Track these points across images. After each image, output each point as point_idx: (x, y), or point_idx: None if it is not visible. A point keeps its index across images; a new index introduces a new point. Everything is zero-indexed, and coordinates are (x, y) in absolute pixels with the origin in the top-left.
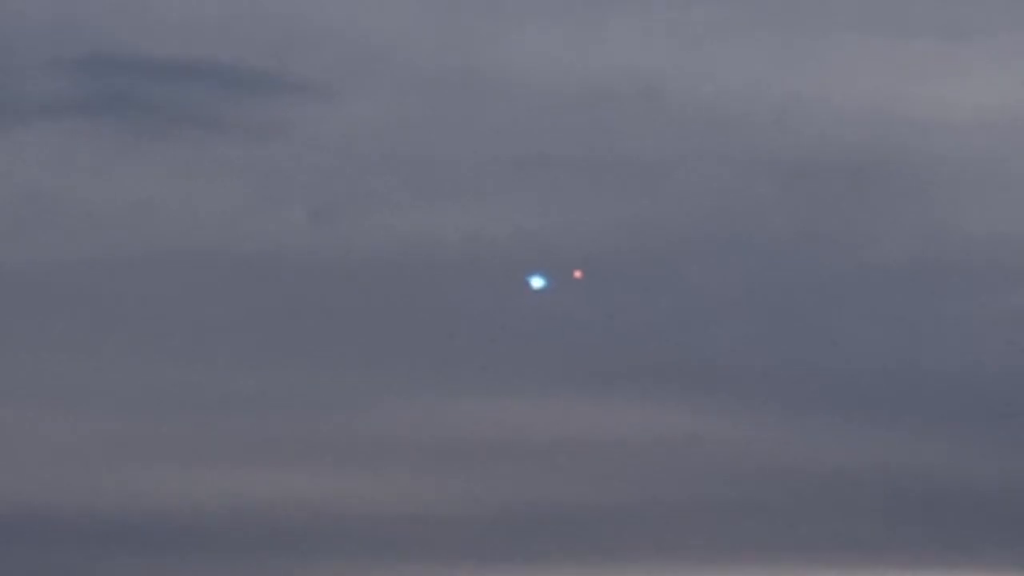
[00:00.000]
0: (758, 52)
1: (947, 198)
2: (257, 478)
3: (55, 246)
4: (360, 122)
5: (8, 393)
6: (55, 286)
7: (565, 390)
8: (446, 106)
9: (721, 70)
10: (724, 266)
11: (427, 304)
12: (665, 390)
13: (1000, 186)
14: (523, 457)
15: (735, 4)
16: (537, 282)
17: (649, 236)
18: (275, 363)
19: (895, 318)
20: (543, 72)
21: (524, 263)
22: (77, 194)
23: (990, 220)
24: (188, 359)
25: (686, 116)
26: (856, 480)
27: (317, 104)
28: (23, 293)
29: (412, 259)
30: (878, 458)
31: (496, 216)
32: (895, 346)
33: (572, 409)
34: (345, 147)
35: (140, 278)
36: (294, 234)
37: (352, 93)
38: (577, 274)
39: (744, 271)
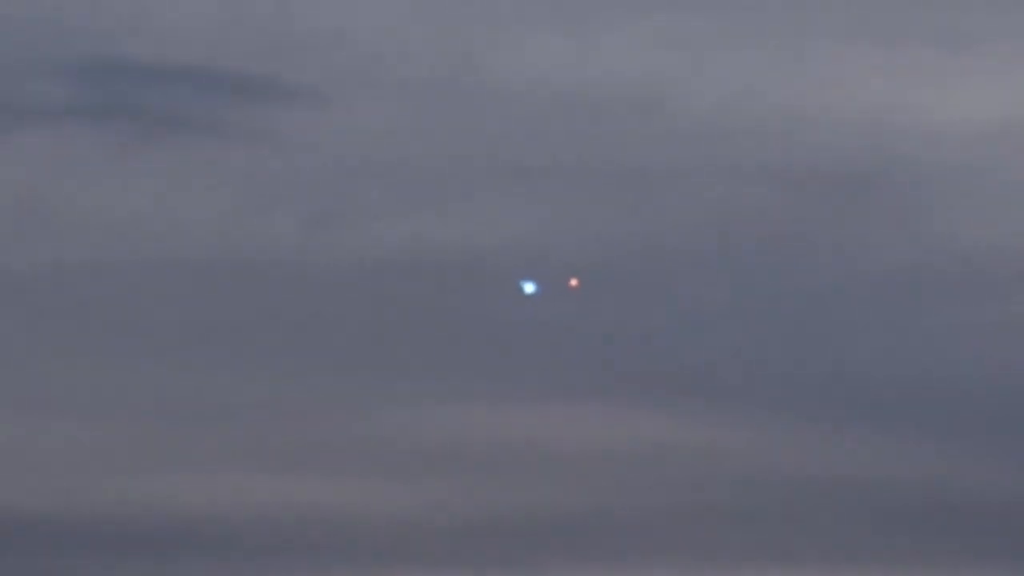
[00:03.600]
0: (754, 62)
1: (944, 207)
2: (251, 485)
3: (48, 251)
4: (354, 129)
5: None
6: (49, 291)
7: (562, 398)
8: (440, 114)
9: (717, 80)
10: (720, 275)
11: (420, 312)
12: (661, 398)
13: (996, 195)
14: (517, 463)
15: (731, 14)
16: (528, 287)
17: (644, 245)
18: (268, 370)
19: (891, 327)
20: (539, 80)
21: (518, 271)
22: (70, 199)
23: (987, 229)
24: (180, 365)
25: (681, 126)
26: (850, 489)
27: (310, 110)
28: (17, 298)
29: (405, 266)
30: (873, 467)
31: (490, 224)
32: (891, 355)
33: (568, 417)
34: (338, 154)
35: (132, 283)
36: (287, 240)
37: (345, 100)
38: (573, 282)
39: (740, 280)
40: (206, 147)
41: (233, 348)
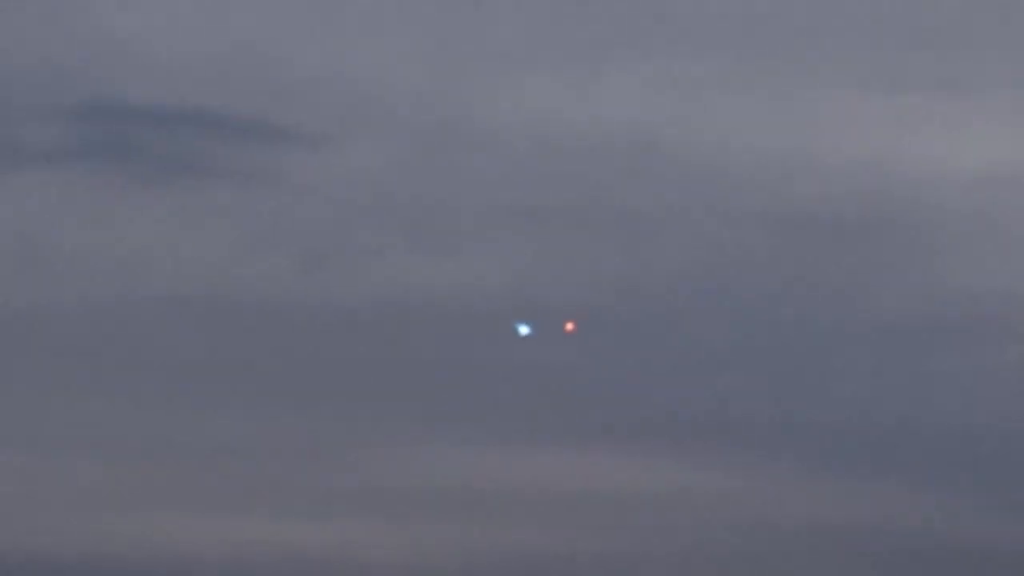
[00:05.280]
0: (753, 106)
1: (941, 252)
2: (245, 525)
3: (48, 291)
4: (352, 171)
5: None
6: (48, 331)
7: (558, 441)
8: (440, 156)
9: (716, 124)
10: (717, 319)
11: (417, 353)
12: (657, 442)
13: (994, 241)
14: (514, 507)
15: (731, 58)
16: (523, 329)
17: (642, 288)
18: (264, 410)
19: (889, 372)
20: (538, 124)
21: (517, 313)
22: (71, 239)
23: (984, 275)
24: (177, 405)
25: (681, 169)
26: (850, 533)
27: (310, 152)
28: (15, 338)
29: (403, 308)
30: (872, 511)
31: (489, 266)
32: (888, 400)
33: (564, 460)
34: (337, 195)
35: (132, 323)
36: (285, 281)
37: (345, 142)
38: (569, 327)
39: (737, 325)
40: (205, 188)
41: (228, 388)
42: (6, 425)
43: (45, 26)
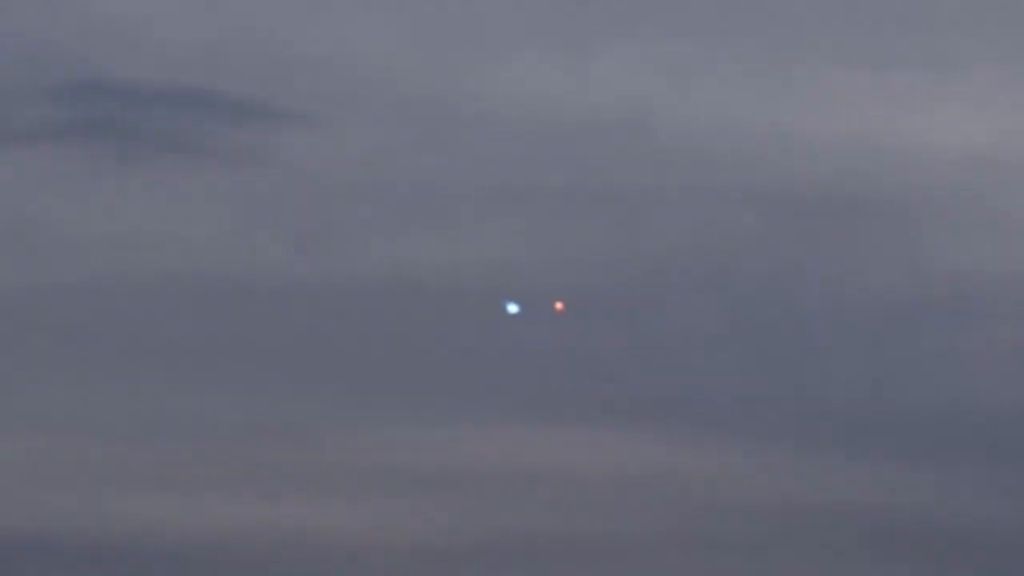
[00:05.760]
0: (742, 86)
1: (932, 232)
2: (235, 506)
3: (37, 271)
4: (345, 150)
5: None
6: (37, 311)
7: (546, 421)
8: (431, 135)
9: (705, 103)
10: (707, 299)
11: (410, 333)
12: (646, 423)
13: (984, 221)
14: (502, 488)
15: (720, 37)
16: (512, 307)
17: (632, 268)
18: (255, 391)
19: (879, 353)
20: (528, 103)
21: (507, 294)
22: (60, 220)
23: (973, 255)
24: (169, 386)
25: (670, 149)
26: (837, 516)
27: (302, 132)
28: (3, 318)
29: (395, 288)
30: (861, 494)
31: (480, 246)
32: (879, 381)
33: (552, 440)
34: (329, 175)
35: (122, 304)
36: (277, 262)
37: (337, 121)
38: (558, 306)
39: (727, 305)
40: (197, 168)
41: (221, 368)
42: None
43: (35, 5)
